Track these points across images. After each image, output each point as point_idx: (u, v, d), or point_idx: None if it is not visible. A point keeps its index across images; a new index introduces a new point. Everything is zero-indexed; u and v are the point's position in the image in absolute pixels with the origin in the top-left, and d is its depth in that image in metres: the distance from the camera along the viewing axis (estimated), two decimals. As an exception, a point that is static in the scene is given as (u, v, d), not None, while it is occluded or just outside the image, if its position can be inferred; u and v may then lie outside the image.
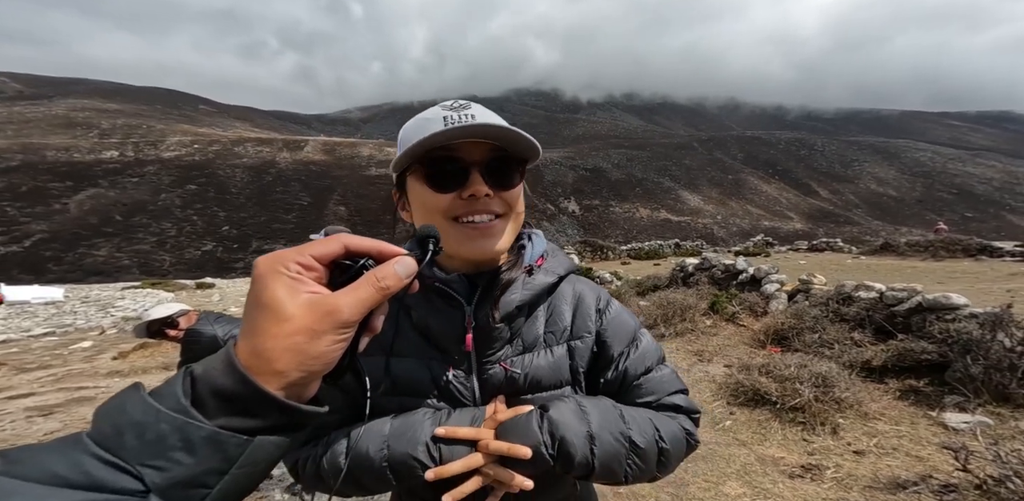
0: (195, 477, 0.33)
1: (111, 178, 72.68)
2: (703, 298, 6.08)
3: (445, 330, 0.74)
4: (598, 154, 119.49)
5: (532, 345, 0.78)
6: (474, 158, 0.67)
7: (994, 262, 10.68)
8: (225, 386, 0.36)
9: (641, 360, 0.81)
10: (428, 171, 0.68)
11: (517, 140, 0.66)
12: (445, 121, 0.66)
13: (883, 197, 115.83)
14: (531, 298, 0.75)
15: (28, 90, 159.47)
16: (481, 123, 0.64)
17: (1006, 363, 2.95)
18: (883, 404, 3.19)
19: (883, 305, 4.12)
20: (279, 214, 70.87)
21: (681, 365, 4.63)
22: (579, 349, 0.79)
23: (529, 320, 0.79)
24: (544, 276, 0.78)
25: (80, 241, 56.31)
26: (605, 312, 0.83)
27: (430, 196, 0.68)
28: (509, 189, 0.70)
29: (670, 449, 0.72)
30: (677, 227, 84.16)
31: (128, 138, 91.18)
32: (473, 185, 0.66)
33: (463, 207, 0.68)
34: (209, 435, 0.34)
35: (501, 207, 0.70)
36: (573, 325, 0.80)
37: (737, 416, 3.35)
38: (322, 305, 0.40)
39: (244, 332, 0.39)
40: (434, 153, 0.67)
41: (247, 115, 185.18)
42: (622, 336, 0.82)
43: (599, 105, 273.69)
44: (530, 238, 0.83)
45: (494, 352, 0.75)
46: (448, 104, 0.71)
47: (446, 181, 0.67)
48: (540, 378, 0.76)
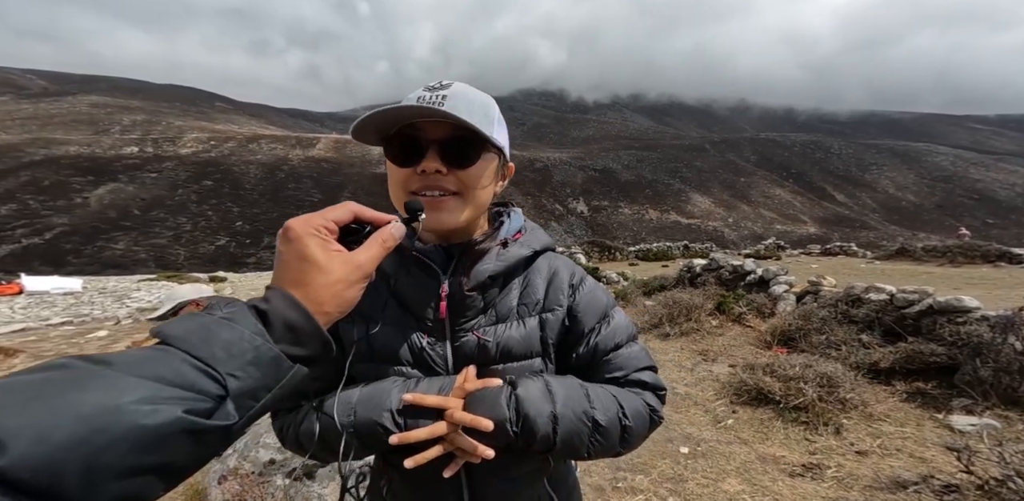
0: (257, 389, 0.41)
1: (131, 173, 74.15)
2: (710, 298, 6.04)
3: (420, 298, 0.78)
4: (608, 155, 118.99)
5: (505, 316, 0.80)
6: (433, 136, 0.71)
7: (1013, 269, 10.43)
8: (293, 319, 0.45)
9: (612, 336, 0.83)
10: (393, 147, 0.73)
11: (470, 127, 0.69)
12: (418, 101, 0.70)
13: (901, 202, 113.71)
14: (504, 269, 0.79)
15: (52, 87, 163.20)
16: (437, 108, 0.67)
17: (1016, 366, 2.90)
18: (889, 406, 3.15)
19: (893, 307, 4.06)
20: (291, 210, 71.64)
21: (685, 364, 4.61)
22: (550, 321, 0.81)
23: (503, 292, 0.81)
24: (519, 249, 0.82)
25: (99, 235, 57.52)
26: (579, 288, 0.85)
27: (394, 171, 0.74)
28: (464, 168, 0.72)
29: (633, 426, 0.75)
30: (687, 229, 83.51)
31: (148, 134, 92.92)
32: (426, 161, 0.70)
33: (418, 181, 0.72)
34: (275, 356, 0.43)
35: (455, 184, 0.73)
36: (546, 298, 0.83)
37: (739, 415, 3.33)
38: (352, 261, 0.51)
39: (291, 281, 0.48)
40: (402, 130, 0.72)
41: (261, 113, 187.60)
42: (594, 312, 0.84)
43: (607, 106, 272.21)
44: (509, 215, 0.88)
45: (467, 320, 0.78)
46: (432, 84, 0.74)
47: (406, 156, 0.72)
48: (511, 348, 0.78)
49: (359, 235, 0.56)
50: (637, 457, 2.86)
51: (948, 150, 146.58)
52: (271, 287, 0.49)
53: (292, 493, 2.12)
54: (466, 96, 0.73)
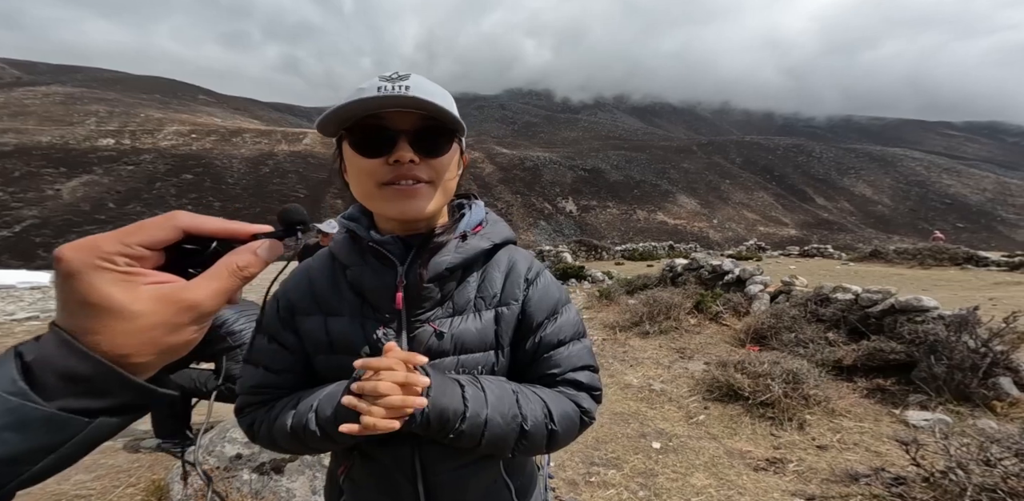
0: (24, 454, 0.33)
1: (106, 166, 72.18)
2: (689, 297, 6.18)
3: (377, 288, 0.77)
4: (597, 155, 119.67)
5: (462, 309, 0.80)
6: (402, 126, 0.70)
7: (979, 271, 10.84)
8: (75, 369, 0.35)
9: (556, 333, 0.83)
10: (358, 138, 0.71)
11: (443, 113, 0.69)
12: (379, 91, 0.68)
13: (877, 205, 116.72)
14: (462, 261, 0.79)
15: (27, 77, 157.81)
16: (409, 95, 0.66)
17: (968, 363, 3.05)
18: (850, 401, 3.28)
19: (858, 306, 4.22)
20: (275, 205, 70.40)
21: (663, 361, 4.72)
22: (505, 316, 0.82)
23: (461, 284, 0.82)
24: (478, 241, 0.82)
25: (72, 228, 55.92)
26: (534, 282, 0.85)
27: (360, 161, 0.71)
28: (436, 156, 0.72)
29: (560, 431, 0.76)
30: (673, 230, 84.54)
31: (125, 126, 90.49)
32: (399, 151, 0.69)
33: (389, 172, 0.70)
34: (48, 416, 0.34)
35: (427, 174, 0.72)
36: (503, 292, 0.83)
37: (711, 411, 3.44)
38: (177, 299, 0.38)
39: (79, 328, 0.36)
40: (364, 121, 0.70)
41: (246, 107, 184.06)
42: (544, 307, 0.84)
43: (596, 106, 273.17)
44: (470, 208, 0.88)
45: (423, 312, 0.78)
46: (387, 74, 0.72)
47: (374, 147, 0.70)
48: (466, 341, 0.78)
49: (203, 255, 0.43)
50: (611, 452, 2.94)
51: (922, 156, 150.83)
52: (52, 325, 0.37)
53: (259, 487, 2.13)
54: (428, 86, 0.71)
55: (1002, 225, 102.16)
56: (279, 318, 0.82)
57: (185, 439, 2.89)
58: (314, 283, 0.83)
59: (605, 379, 4.22)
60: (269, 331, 0.82)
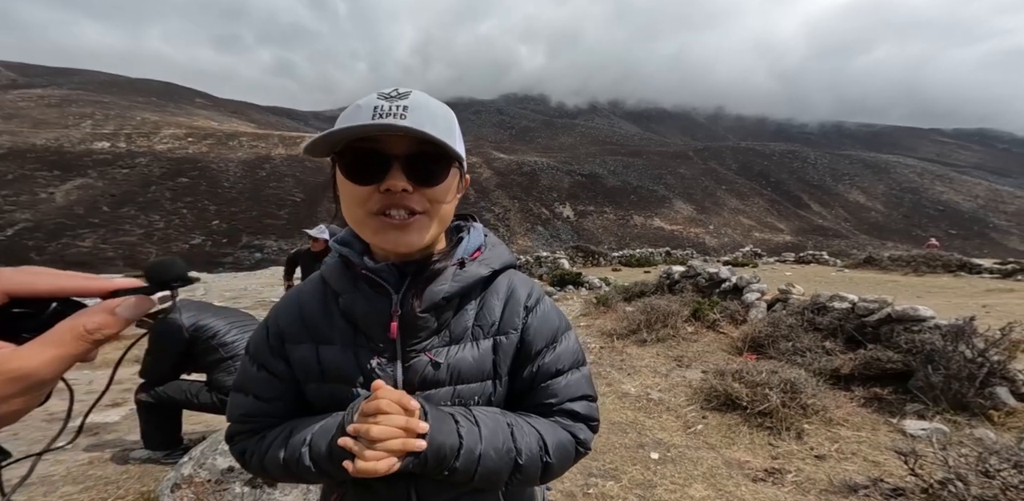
0: None
1: (100, 169, 71.79)
2: (686, 305, 6.18)
3: (370, 317, 0.75)
4: (594, 160, 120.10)
5: (460, 337, 0.78)
6: (396, 151, 0.66)
7: (972, 278, 10.92)
8: None
9: (555, 362, 0.81)
10: (348, 162, 0.67)
11: (440, 142, 0.65)
12: (375, 111, 0.64)
13: (871, 212, 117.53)
14: (460, 290, 0.76)
15: (22, 79, 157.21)
16: (400, 125, 0.62)
17: (965, 373, 3.06)
18: (847, 410, 3.29)
19: (855, 315, 4.23)
20: (271, 209, 70.38)
21: (660, 370, 4.70)
22: (504, 345, 0.80)
23: (459, 312, 0.79)
24: (477, 268, 0.79)
25: (65, 231, 55.48)
26: (534, 310, 0.83)
27: (350, 188, 0.67)
28: (432, 186, 0.68)
29: (554, 463, 0.75)
30: (670, 236, 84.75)
31: (121, 129, 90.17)
32: (391, 179, 0.65)
33: (381, 201, 0.67)
34: None
35: (421, 204, 0.68)
36: (501, 320, 0.81)
37: (709, 420, 3.43)
38: (5, 369, 0.33)
39: None
40: (356, 144, 0.66)
41: (243, 110, 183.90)
42: (543, 335, 0.82)
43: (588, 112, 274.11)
44: (468, 231, 0.84)
45: (419, 341, 0.76)
46: (386, 91, 0.68)
47: (366, 174, 0.66)
48: (462, 370, 0.76)
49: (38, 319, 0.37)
50: (609, 463, 2.92)
51: (915, 162, 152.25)
52: None
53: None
54: (428, 107, 0.67)
55: (994, 232, 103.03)
56: (268, 346, 0.80)
57: (175, 450, 2.86)
58: (304, 310, 0.81)
59: (603, 388, 4.21)
60: (258, 359, 0.80)
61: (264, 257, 58.27)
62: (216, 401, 2.67)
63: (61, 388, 2.37)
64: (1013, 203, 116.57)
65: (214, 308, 2.92)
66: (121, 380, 5.18)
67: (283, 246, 62.04)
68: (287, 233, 65.35)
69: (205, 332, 2.65)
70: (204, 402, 2.69)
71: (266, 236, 63.64)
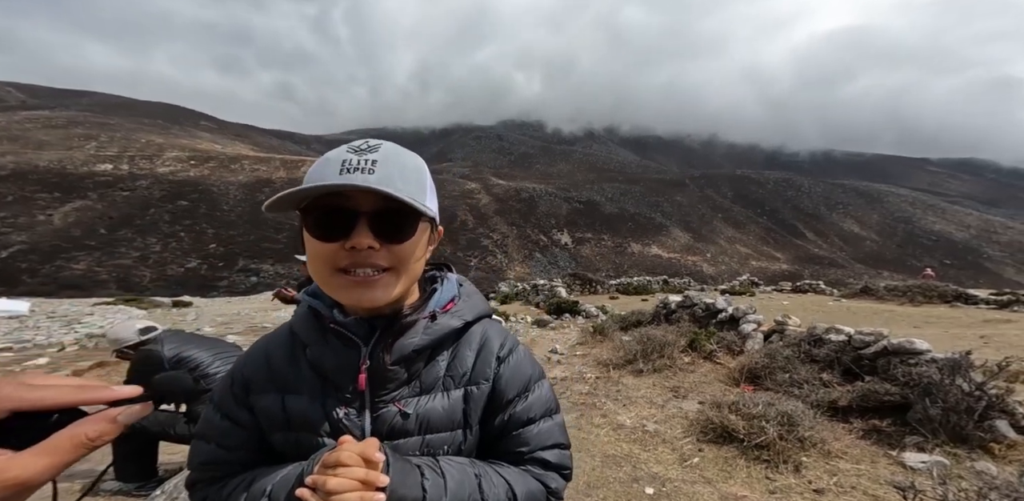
0: None
1: (101, 191, 72.31)
2: (683, 335, 6.14)
3: (338, 369, 0.74)
4: (592, 187, 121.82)
5: (430, 387, 0.78)
6: (363, 208, 0.64)
7: (969, 309, 10.93)
8: None
9: (527, 410, 0.81)
10: (314, 219, 0.65)
11: (405, 203, 0.64)
12: (343, 164, 0.64)
13: (866, 241, 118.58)
14: (430, 343, 0.76)
15: (31, 100, 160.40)
16: (364, 187, 0.62)
17: (963, 406, 3.03)
18: (846, 443, 3.23)
19: (851, 348, 4.22)
20: (270, 233, 70.52)
21: (656, 401, 4.64)
22: (474, 395, 0.79)
23: (430, 363, 0.79)
24: (449, 320, 0.79)
25: (59, 253, 55.29)
26: (506, 360, 0.83)
27: (315, 244, 0.66)
28: (399, 242, 0.67)
29: None
30: (667, 263, 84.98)
31: (125, 151, 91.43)
32: (356, 236, 0.64)
33: (346, 258, 0.65)
34: None
35: (388, 260, 0.67)
36: (473, 370, 0.80)
37: (705, 453, 3.36)
38: (2, 479, 0.33)
39: None
40: (321, 200, 0.64)
41: (247, 133, 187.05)
42: (515, 384, 0.82)
43: (586, 138, 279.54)
44: (442, 282, 0.84)
45: (388, 393, 0.75)
46: (356, 145, 0.67)
47: (331, 230, 0.65)
48: (432, 420, 0.76)
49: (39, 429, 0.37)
50: (603, 498, 2.84)
51: (907, 192, 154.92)
52: None
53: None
54: (398, 160, 0.67)
55: (988, 262, 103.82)
56: (232, 395, 0.79)
57: (148, 482, 2.77)
58: (271, 360, 0.80)
59: (598, 419, 4.14)
60: (222, 408, 0.79)
61: (260, 281, 57.98)
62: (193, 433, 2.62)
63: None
64: (1005, 233, 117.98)
65: (198, 339, 2.91)
66: (104, 406, 5.09)
67: (279, 270, 61.83)
68: (284, 257, 65.26)
69: (187, 363, 2.62)
70: (181, 434, 2.64)
71: (263, 260, 63.54)
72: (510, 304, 16.33)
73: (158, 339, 2.70)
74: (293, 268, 62.34)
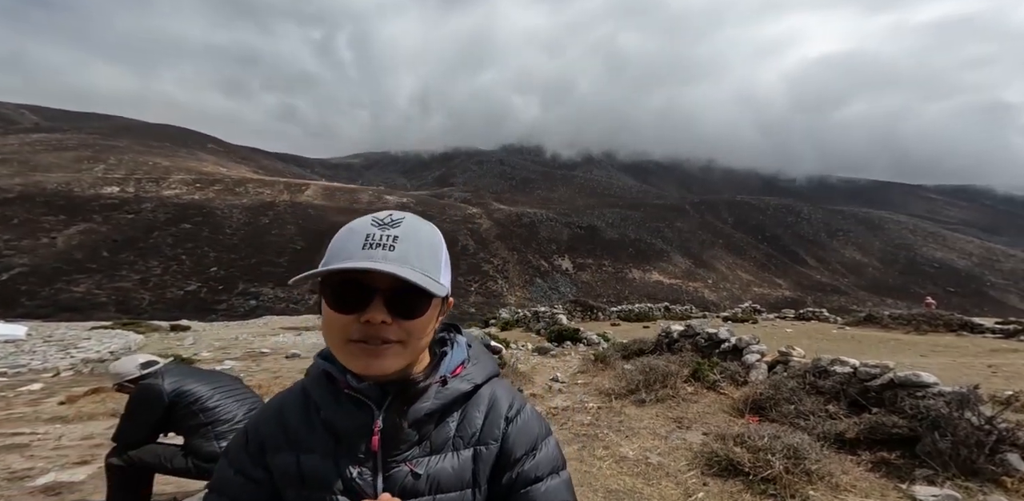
0: None
1: (106, 214, 72.99)
2: (686, 365, 6.07)
3: (352, 431, 0.77)
4: (593, 212, 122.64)
5: (440, 448, 0.80)
6: (380, 285, 0.69)
7: (975, 337, 10.82)
8: None
9: (534, 469, 0.83)
10: (333, 291, 0.70)
11: (419, 286, 0.68)
12: (367, 239, 0.70)
13: (868, 268, 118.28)
14: (441, 407, 0.80)
15: (44, 123, 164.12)
16: (381, 270, 0.66)
17: (973, 440, 2.97)
18: (854, 476, 3.14)
19: (857, 380, 4.17)
20: (271, 257, 70.72)
21: (660, 431, 4.54)
22: (483, 455, 0.82)
23: (440, 424, 0.82)
24: (459, 385, 0.83)
25: (60, 276, 55.32)
26: (514, 420, 0.86)
27: (331, 315, 0.70)
28: (411, 319, 0.71)
29: None
30: (669, 289, 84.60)
31: (132, 174, 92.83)
32: (371, 311, 0.68)
33: (360, 331, 0.69)
34: None
35: (398, 335, 0.71)
36: (482, 431, 0.83)
37: (710, 487, 3.26)
38: None
39: None
40: (341, 274, 0.69)
41: (252, 156, 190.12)
42: (523, 443, 0.84)
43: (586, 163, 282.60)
44: (452, 345, 0.87)
45: (400, 453, 0.78)
46: (380, 217, 0.73)
47: (348, 303, 0.69)
48: (442, 480, 0.78)
49: None
50: (606, 535, 2.75)
51: (907, 219, 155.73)
52: None
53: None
54: (416, 237, 0.72)
55: (992, 289, 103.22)
56: (247, 453, 0.82)
57: None
58: (286, 418, 0.83)
59: (600, 451, 4.05)
60: (236, 464, 0.82)
61: (259, 304, 57.69)
62: (191, 467, 2.56)
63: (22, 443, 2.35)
64: (1008, 261, 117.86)
65: (199, 372, 2.89)
66: (92, 435, 4.97)
67: (279, 294, 61.62)
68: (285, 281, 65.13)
69: (187, 397, 2.60)
70: (178, 467, 2.59)
71: (263, 284, 63.44)
72: (511, 331, 16.17)
73: (159, 373, 2.69)
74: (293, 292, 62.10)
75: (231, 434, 2.61)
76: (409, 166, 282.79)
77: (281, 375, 8.02)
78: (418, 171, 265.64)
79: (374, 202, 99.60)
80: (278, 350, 11.44)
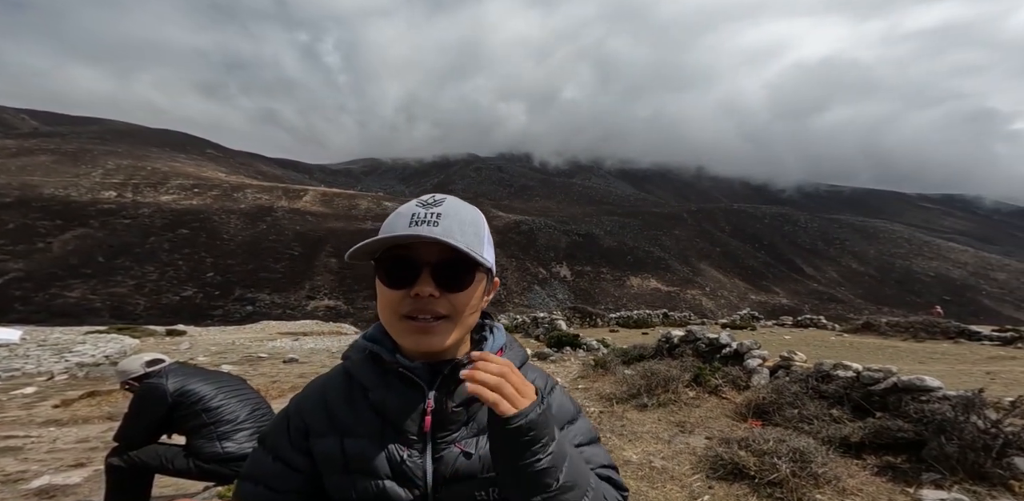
0: None
1: (103, 219, 72.72)
2: (687, 370, 6.05)
3: (403, 412, 0.77)
4: (591, 220, 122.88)
5: (486, 428, 0.79)
6: (427, 259, 0.71)
7: (973, 345, 10.82)
8: None
9: (575, 437, 0.86)
10: (385, 268, 0.73)
11: (465, 254, 0.70)
12: (412, 218, 0.72)
13: (864, 276, 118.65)
14: None
15: (44, 127, 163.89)
16: (430, 237, 0.69)
17: (980, 444, 2.96)
18: (860, 480, 3.12)
19: (860, 384, 4.16)
20: (268, 263, 70.46)
21: (662, 436, 4.51)
22: None
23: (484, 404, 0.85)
24: None
25: (54, 281, 54.96)
26: (549, 396, 0.89)
27: (385, 292, 0.73)
28: (457, 292, 0.73)
29: None
30: (667, 297, 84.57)
31: (130, 179, 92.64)
32: (419, 285, 0.70)
33: (410, 305, 0.71)
34: None
35: (446, 308, 0.73)
36: None
37: (715, 490, 3.23)
38: None
39: None
40: (392, 252, 0.72)
41: (251, 162, 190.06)
42: (561, 415, 0.87)
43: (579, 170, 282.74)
44: (492, 331, 0.89)
45: (449, 434, 0.78)
46: (424, 199, 0.76)
47: (399, 278, 0.72)
48: (491, 460, 0.78)
49: None
50: (612, 539, 2.72)
51: (902, 228, 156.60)
52: None
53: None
54: (459, 215, 0.74)
55: (988, 298, 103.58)
56: (289, 438, 0.82)
57: None
58: (330, 402, 0.83)
59: (604, 454, 4.01)
60: (276, 451, 0.81)
61: (256, 310, 57.35)
62: (193, 467, 2.52)
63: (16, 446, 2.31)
64: (1002, 271, 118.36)
65: (202, 372, 2.86)
66: (87, 438, 4.90)
67: (276, 300, 61.31)
68: (282, 287, 64.92)
69: (190, 396, 2.57)
70: (180, 468, 2.54)
71: (260, 289, 63.13)
72: (509, 336, 16.06)
73: (163, 372, 2.66)
74: (290, 298, 61.73)
75: (234, 435, 2.58)
76: (408, 173, 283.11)
77: (279, 380, 7.94)
78: (417, 178, 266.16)
79: (373, 209, 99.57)
80: (275, 355, 11.34)
